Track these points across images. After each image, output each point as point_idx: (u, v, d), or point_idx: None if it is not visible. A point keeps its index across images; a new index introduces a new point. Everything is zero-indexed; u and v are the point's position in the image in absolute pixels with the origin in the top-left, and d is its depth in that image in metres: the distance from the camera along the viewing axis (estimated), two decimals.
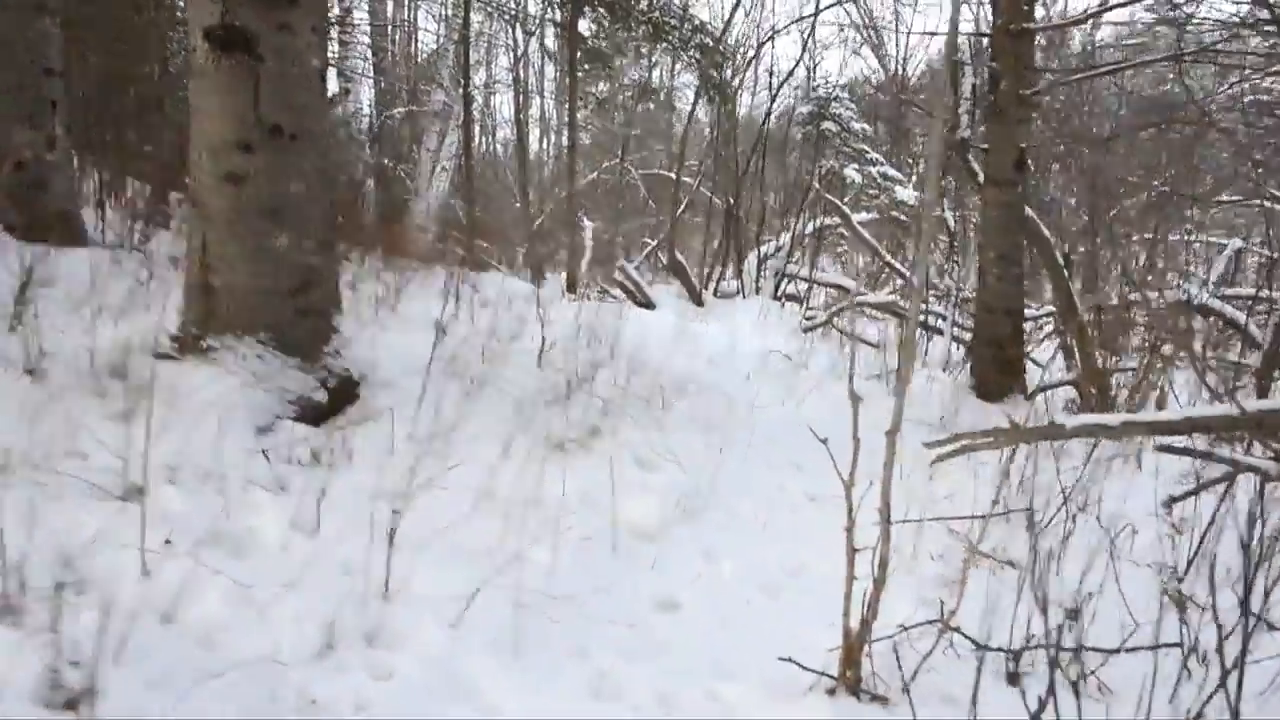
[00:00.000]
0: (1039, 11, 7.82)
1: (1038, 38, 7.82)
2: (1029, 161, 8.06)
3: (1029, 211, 7.97)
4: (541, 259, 16.82)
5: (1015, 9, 7.51)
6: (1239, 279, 10.67)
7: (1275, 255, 9.04)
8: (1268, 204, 9.11)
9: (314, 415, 4.57)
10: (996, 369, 7.92)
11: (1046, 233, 8.53)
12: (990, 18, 7.90)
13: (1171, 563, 4.22)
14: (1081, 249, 9.61)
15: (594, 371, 6.38)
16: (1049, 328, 10.64)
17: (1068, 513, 4.64)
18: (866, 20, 24.89)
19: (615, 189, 19.92)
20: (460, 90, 16.23)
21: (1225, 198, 10.62)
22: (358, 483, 4.05)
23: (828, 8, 17.48)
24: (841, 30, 24.14)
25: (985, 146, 7.96)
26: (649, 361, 7.51)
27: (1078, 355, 8.88)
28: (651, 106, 29.37)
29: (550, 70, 31.82)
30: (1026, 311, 9.32)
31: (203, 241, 4.42)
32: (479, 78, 23.61)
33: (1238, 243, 10.61)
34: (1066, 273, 8.74)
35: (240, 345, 4.45)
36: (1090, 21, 7.10)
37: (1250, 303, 9.28)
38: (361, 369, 5.12)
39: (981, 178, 8.67)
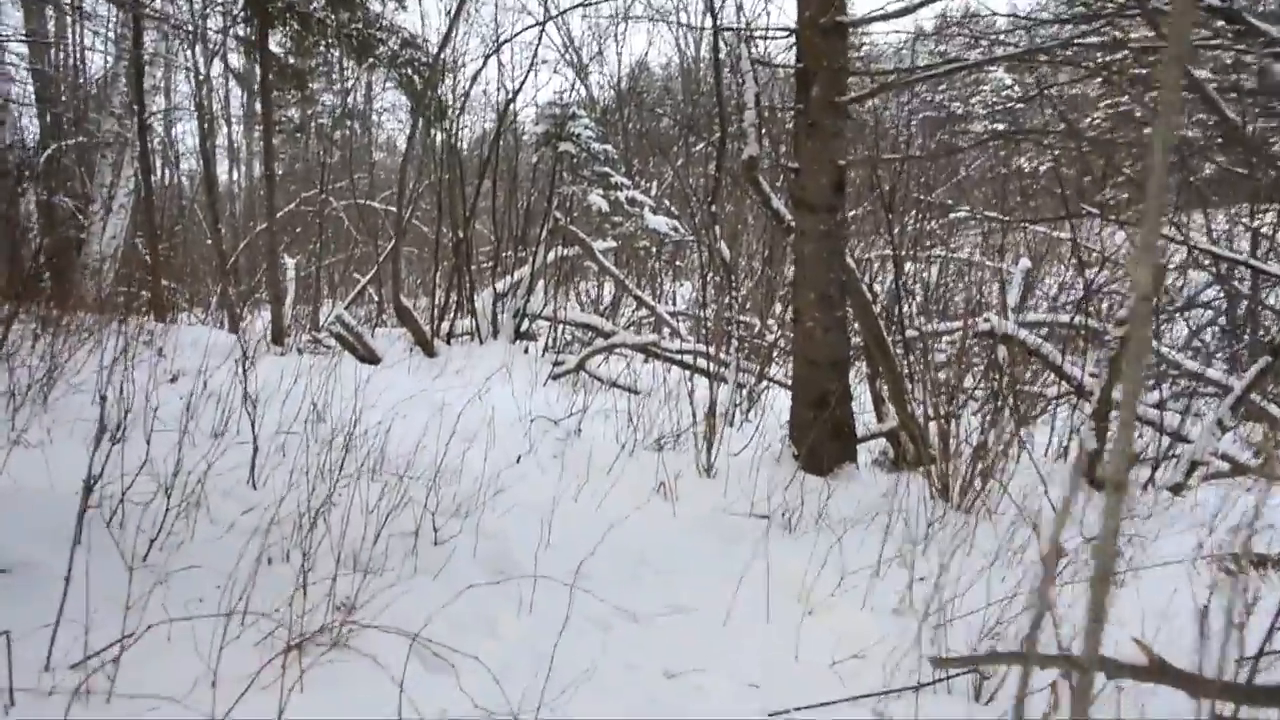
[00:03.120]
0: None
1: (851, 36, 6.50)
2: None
3: None
4: (238, 301, 14.66)
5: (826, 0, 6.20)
6: (1028, 303, 9.84)
7: (1090, 280, 8.11)
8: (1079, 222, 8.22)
9: None
10: (825, 434, 6.54)
11: (850, 261, 7.30)
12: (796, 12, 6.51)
13: None
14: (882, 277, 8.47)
15: (332, 488, 4.58)
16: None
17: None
18: (567, 42, 23.72)
19: (317, 222, 17.89)
20: (135, 119, 13.94)
21: (1036, 217, 9.80)
22: None
23: (527, 29, 16.18)
24: (565, 50, 22.81)
25: (794, 166, 6.59)
26: (395, 452, 5.75)
27: (890, 402, 7.68)
28: (355, 129, 27.39)
29: (239, 94, 29.28)
30: None
31: None
32: (157, 104, 21.09)
33: (1026, 263, 9.75)
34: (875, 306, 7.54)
35: None
36: (916, 15, 5.78)
37: (1065, 330, 8.39)
38: None
39: (777, 203, 7.33)
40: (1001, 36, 6.81)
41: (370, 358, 11.34)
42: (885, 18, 6.05)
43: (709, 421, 6.74)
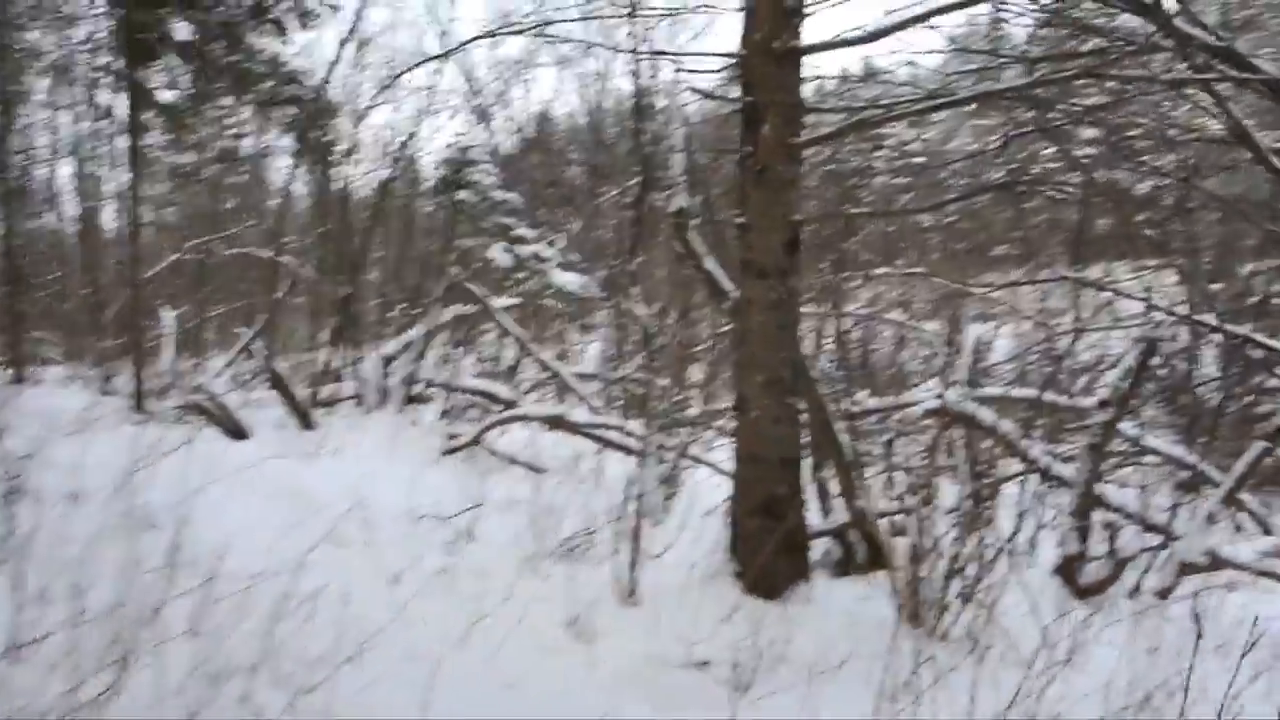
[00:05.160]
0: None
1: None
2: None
3: None
4: (114, 356, 13.23)
5: (779, 20, 5.08)
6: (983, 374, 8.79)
7: (1060, 349, 7.06)
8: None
9: None
10: (774, 549, 5.34)
11: None
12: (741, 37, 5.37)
13: None
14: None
15: (129, 655, 3.27)
16: None
17: None
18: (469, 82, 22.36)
19: (202, 272, 16.48)
20: None
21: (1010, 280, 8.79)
22: None
23: (423, 62, 14.93)
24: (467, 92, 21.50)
25: (740, 221, 5.44)
26: (230, 579, 4.40)
27: (843, 495, 6.54)
28: (248, 175, 25.94)
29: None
30: None
31: None
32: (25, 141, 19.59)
33: (979, 329, 8.72)
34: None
35: None
36: (895, 35, 4.68)
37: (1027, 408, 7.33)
38: None
39: (712, 266, 6.18)
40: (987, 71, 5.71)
41: (237, 432, 9.95)
42: (857, 42, 4.95)
43: (630, 526, 5.50)
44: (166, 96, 15.38)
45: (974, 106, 7.99)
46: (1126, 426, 7.36)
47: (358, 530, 6.03)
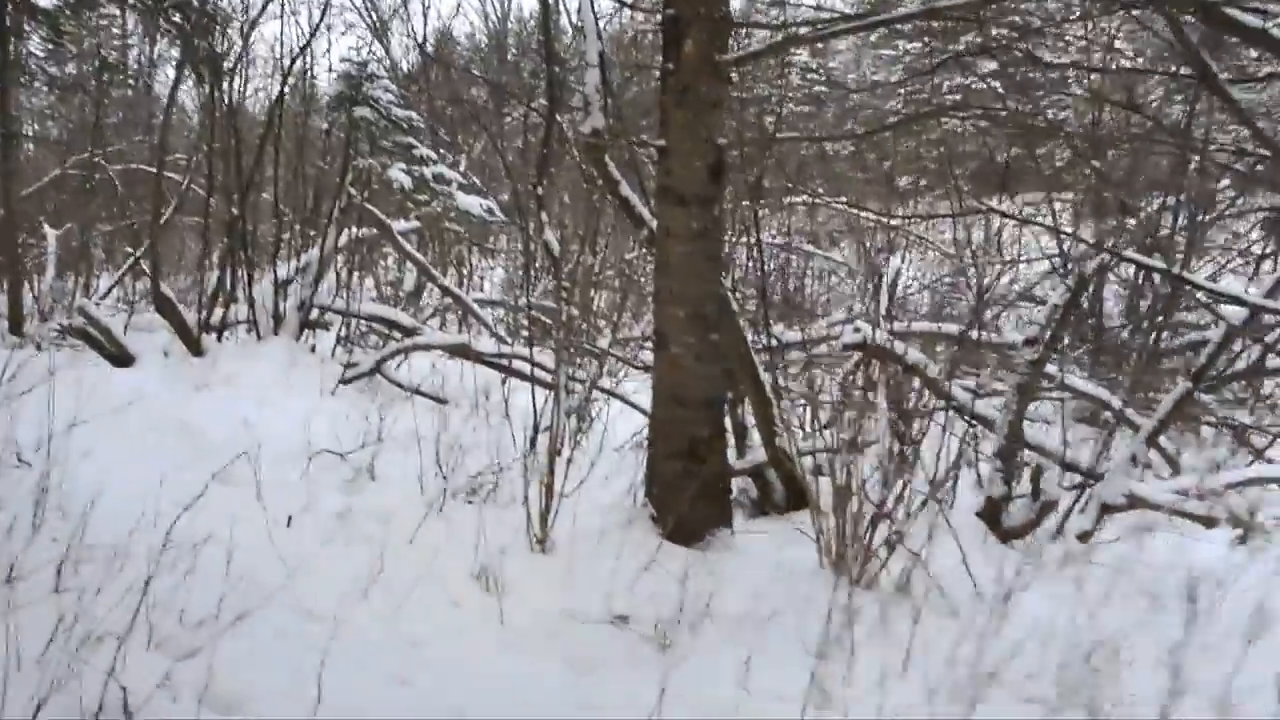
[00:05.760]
0: None
1: None
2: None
3: None
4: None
5: None
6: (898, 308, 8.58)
7: (984, 283, 6.85)
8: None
9: None
10: (694, 493, 5.06)
11: None
12: None
13: None
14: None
15: None
16: None
17: None
18: None
19: (86, 188, 15.61)
20: None
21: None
22: None
23: None
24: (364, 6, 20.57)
25: (659, 145, 5.08)
26: (108, 524, 4.01)
27: (761, 433, 6.29)
28: (139, 86, 24.73)
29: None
30: None
31: None
32: None
33: (897, 262, 8.51)
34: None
35: None
36: None
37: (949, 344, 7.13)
38: None
39: (628, 192, 5.83)
40: None
41: (121, 357, 9.37)
42: None
43: (543, 467, 5.18)
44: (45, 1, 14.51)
45: (902, 27, 7.70)
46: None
47: (248, 469, 5.63)
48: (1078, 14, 6.66)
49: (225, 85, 11.13)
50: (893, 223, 8.88)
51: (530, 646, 3.94)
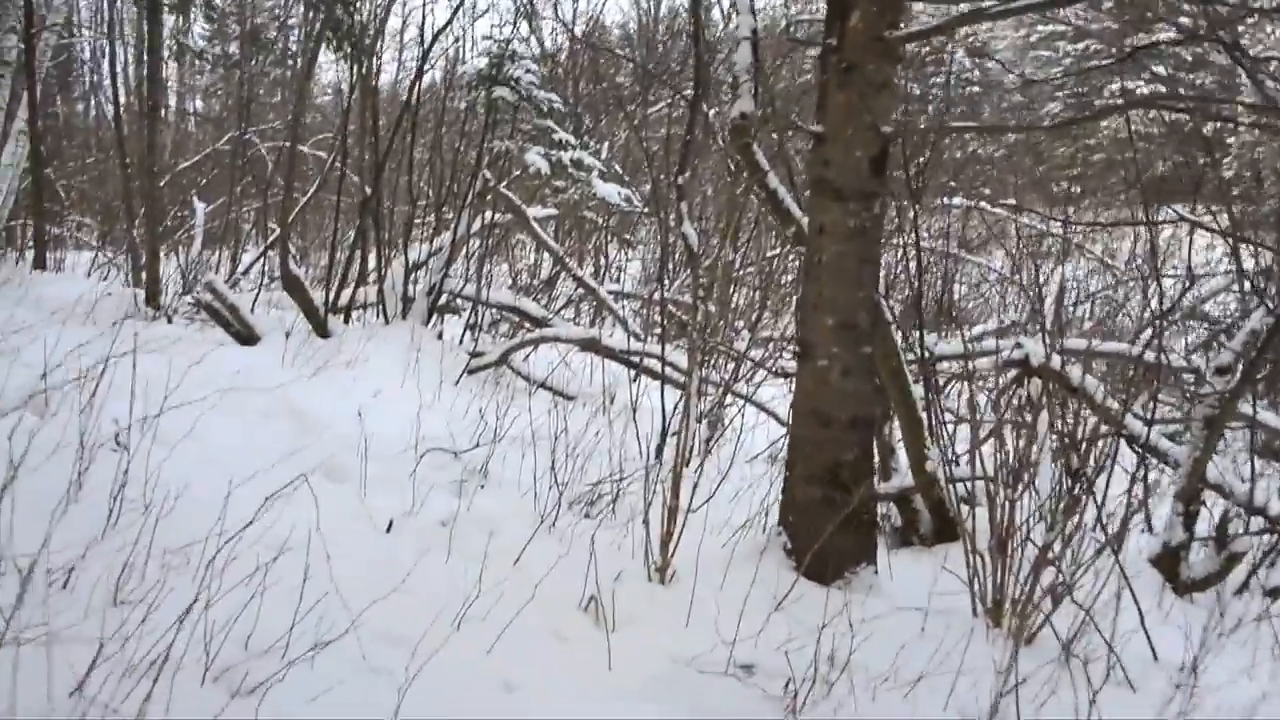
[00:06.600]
0: None
1: None
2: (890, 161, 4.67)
3: None
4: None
5: None
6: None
7: (1167, 302, 6.12)
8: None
9: None
10: (838, 525, 4.49)
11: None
12: None
13: None
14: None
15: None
16: None
17: None
18: None
19: (239, 165, 15.72)
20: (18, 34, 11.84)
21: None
22: None
23: None
24: None
25: (816, 130, 4.53)
26: (195, 520, 3.61)
27: (906, 453, 5.71)
28: (288, 70, 25.09)
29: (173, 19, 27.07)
30: None
31: None
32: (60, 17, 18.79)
33: (1066, 272, 7.78)
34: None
35: None
36: None
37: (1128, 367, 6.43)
38: None
39: (777, 184, 5.29)
40: None
41: (246, 335, 9.17)
42: None
43: (669, 487, 4.66)
44: None
45: (1067, 22, 6.99)
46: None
47: (356, 462, 5.27)
48: None
49: (364, 61, 10.89)
50: (1062, 229, 8.16)
51: (639, 697, 3.44)
